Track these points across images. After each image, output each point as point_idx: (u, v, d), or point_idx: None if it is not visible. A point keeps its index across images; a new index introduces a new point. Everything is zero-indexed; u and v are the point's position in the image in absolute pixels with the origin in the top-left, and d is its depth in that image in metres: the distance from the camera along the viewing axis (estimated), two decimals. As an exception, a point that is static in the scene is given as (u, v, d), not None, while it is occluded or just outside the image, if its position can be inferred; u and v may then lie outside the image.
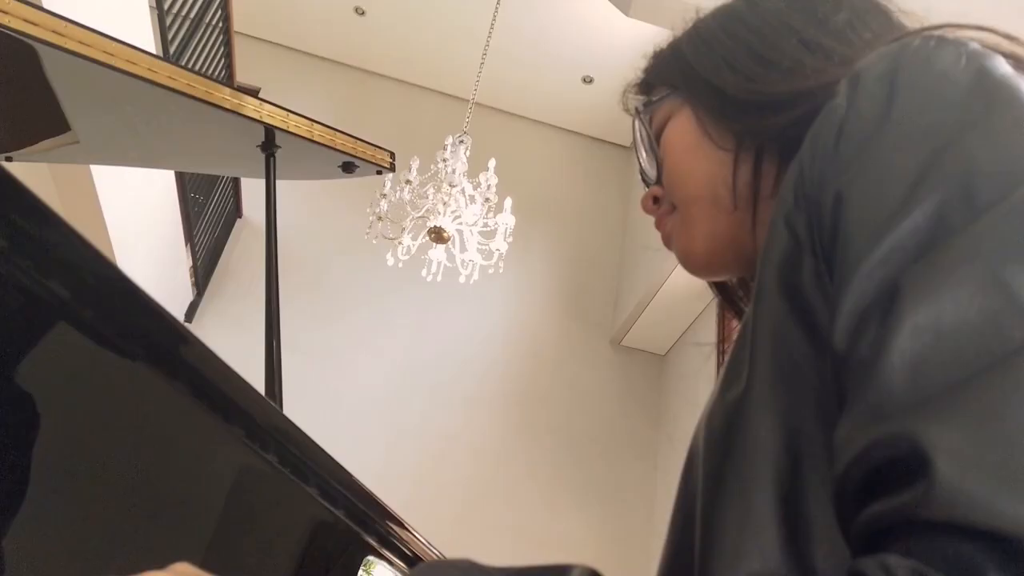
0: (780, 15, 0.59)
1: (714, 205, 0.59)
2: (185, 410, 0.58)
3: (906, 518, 0.31)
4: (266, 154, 1.68)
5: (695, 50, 0.63)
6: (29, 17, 1.19)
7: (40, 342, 0.49)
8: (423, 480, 5.49)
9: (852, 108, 0.44)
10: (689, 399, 5.84)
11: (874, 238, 0.38)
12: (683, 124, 0.62)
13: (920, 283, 0.35)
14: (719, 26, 0.62)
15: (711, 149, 0.59)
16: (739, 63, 0.58)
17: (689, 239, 0.62)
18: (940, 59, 0.43)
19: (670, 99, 0.64)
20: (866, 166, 0.41)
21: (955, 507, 0.29)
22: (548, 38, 6.72)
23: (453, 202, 4.30)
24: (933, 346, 0.33)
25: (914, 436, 0.31)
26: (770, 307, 0.44)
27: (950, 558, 0.29)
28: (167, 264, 4.98)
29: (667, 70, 0.66)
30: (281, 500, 0.68)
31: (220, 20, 4.70)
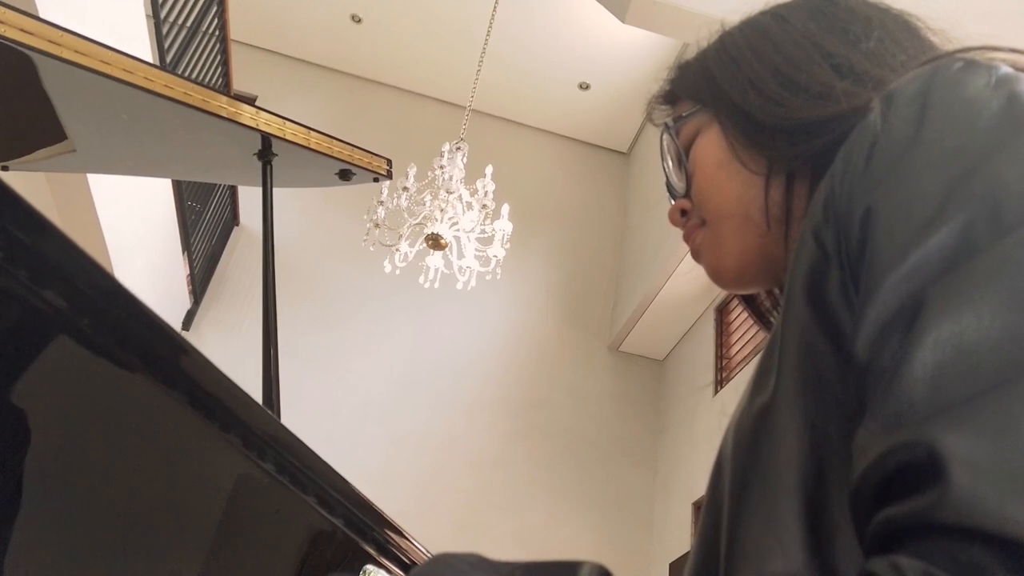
0: (810, 35, 0.58)
1: (746, 222, 0.59)
2: (182, 419, 0.57)
3: (920, 522, 0.31)
4: (263, 162, 1.68)
5: (722, 67, 0.62)
6: (25, 27, 1.19)
7: (36, 352, 0.49)
8: (421, 487, 5.48)
9: (885, 127, 0.44)
10: (688, 404, 5.84)
11: (901, 253, 0.39)
12: (713, 140, 0.62)
13: (944, 298, 0.36)
14: (746, 43, 0.62)
15: (742, 169, 0.59)
16: (766, 86, 0.58)
17: (720, 255, 0.62)
18: (971, 82, 0.44)
19: (699, 115, 0.64)
20: (896, 184, 0.42)
21: (968, 512, 0.30)
22: (544, 45, 6.74)
23: (450, 209, 4.30)
24: (954, 359, 0.34)
25: (931, 443, 0.32)
26: (797, 317, 0.45)
27: (960, 561, 0.29)
28: (164, 272, 4.97)
29: (694, 84, 0.66)
30: (279, 509, 0.68)
31: (217, 28, 4.71)
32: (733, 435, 0.49)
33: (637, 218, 6.89)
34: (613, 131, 7.53)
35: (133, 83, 1.37)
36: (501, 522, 5.59)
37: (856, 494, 0.36)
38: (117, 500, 0.55)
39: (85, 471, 0.53)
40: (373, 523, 0.78)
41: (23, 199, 0.45)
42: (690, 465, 5.45)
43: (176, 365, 0.56)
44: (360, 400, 5.76)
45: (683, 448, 5.68)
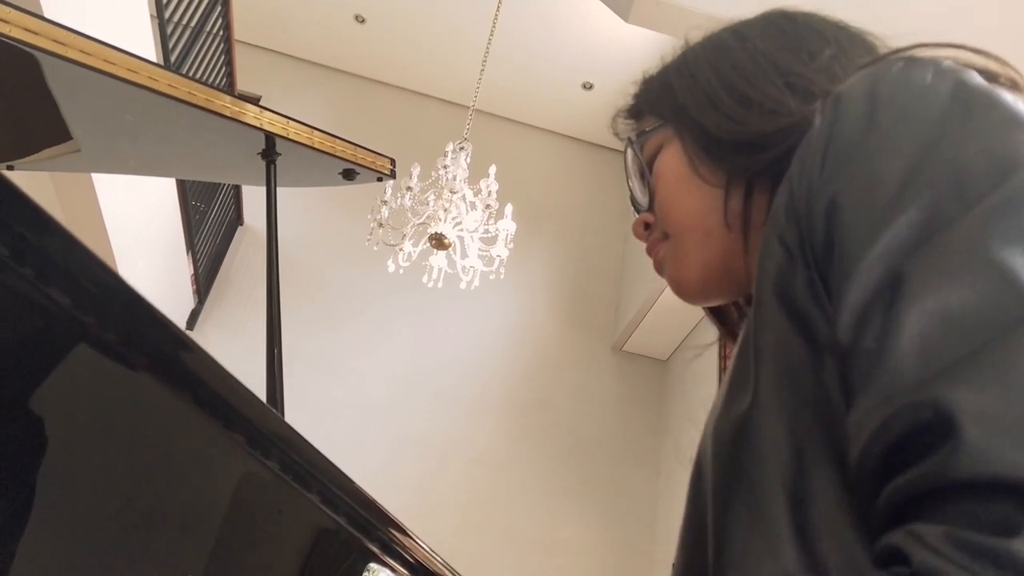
0: (766, 54, 0.60)
1: (707, 235, 0.60)
2: (187, 417, 0.58)
3: (933, 483, 0.31)
4: (267, 161, 1.68)
5: (682, 83, 0.64)
6: (30, 26, 1.19)
7: (41, 350, 0.49)
8: (425, 487, 5.48)
9: (836, 125, 0.45)
10: (691, 404, 5.83)
11: (871, 235, 0.39)
12: (674, 156, 0.63)
13: (922, 271, 0.36)
14: (706, 59, 0.63)
15: (701, 183, 0.60)
16: (721, 102, 0.59)
17: (682, 268, 0.63)
18: (916, 75, 0.45)
19: (661, 130, 0.65)
20: (855, 172, 0.42)
21: (984, 463, 0.30)
22: (548, 44, 6.74)
23: (454, 208, 4.30)
24: (941, 327, 0.34)
25: (936, 401, 0.32)
26: (770, 320, 0.45)
27: (982, 516, 0.29)
28: (168, 272, 4.98)
29: (657, 99, 0.67)
30: (283, 507, 0.68)
31: (221, 28, 4.71)
32: (712, 441, 0.50)
33: (640, 218, 6.88)
34: (617, 131, 7.52)
35: (137, 83, 1.38)
36: (503, 522, 5.59)
37: (860, 474, 0.35)
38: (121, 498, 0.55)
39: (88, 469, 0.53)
40: (377, 521, 0.78)
41: (29, 198, 0.45)
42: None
43: (181, 363, 0.56)
44: (363, 399, 5.76)
45: (686, 449, 5.67)
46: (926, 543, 0.30)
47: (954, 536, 0.29)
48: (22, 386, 0.48)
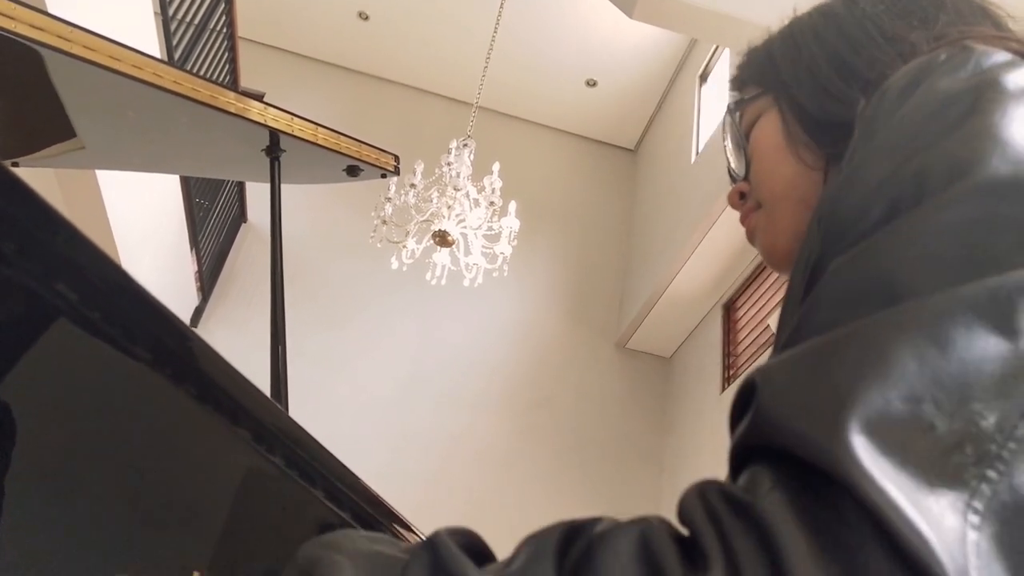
0: (874, 18, 0.58)
1: (800, 204, 0.59)
2: (192, 413, 0.58)
3: (740, 446, 0.33)
4: (271, 158, 1.69)
5: (784, 51, 0.62)
6: (35, 23, 1.19)
7: (48, 345, 0.50)
8: (428, 483, 5.49)
9: (873, 117, 0.45)
10: (694, 402, 5.83)
11: (838, 236, 0.40)
12: (771, 125, 0.62)
13: (836, 268, 0.37)
14: (811, 27, 0.62)
15: (798, 159, 0.59)
16: (820, 72, 0.57)
17: (774, 236, 0.62)
18: (950, 74, 0.43)
19: (760, 99, 0.64)
20: (852, 170, 0.43)
21: (764, 430, 0.31)
22: (551, 41, 6.73)
23: (457, 206, 4.31)
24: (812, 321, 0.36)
25: (755, 374, 0.34)
26: (794, 306, 0.45)
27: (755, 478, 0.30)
28: (172, 269, 4.99)
29: (758, 68, 0.66)
30: (288, 503, 0.69)
31: (224, 25, 4.71)
32: None
33: (644, 215, 6.88)
34: (620, 128, 7.52)
35: (142, 79, 1.38)
36: (507, 519, 5.59)
37: None
38: (125, 493, 0.55)
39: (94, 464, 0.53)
40: (382, 517, 0.79)
41: (36, 193, 0.45)
42: (697, 463, 5.44)
43: (186, 358, 0.56)
44: (366, 396, 5.77)
45: (690, 446, 5.67)
46: (704, 497, 0.31)
47: (724, 492, 0.31)
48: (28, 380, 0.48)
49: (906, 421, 0.29)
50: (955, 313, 0.31)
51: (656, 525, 0.31)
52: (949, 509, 0.27)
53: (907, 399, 0.29)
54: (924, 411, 0.29)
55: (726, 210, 5.01)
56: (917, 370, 0.29)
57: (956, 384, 0.29)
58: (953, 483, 0.28)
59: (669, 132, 6.82)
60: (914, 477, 0.27)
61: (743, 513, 0.29)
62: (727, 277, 5.62)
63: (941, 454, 0.28)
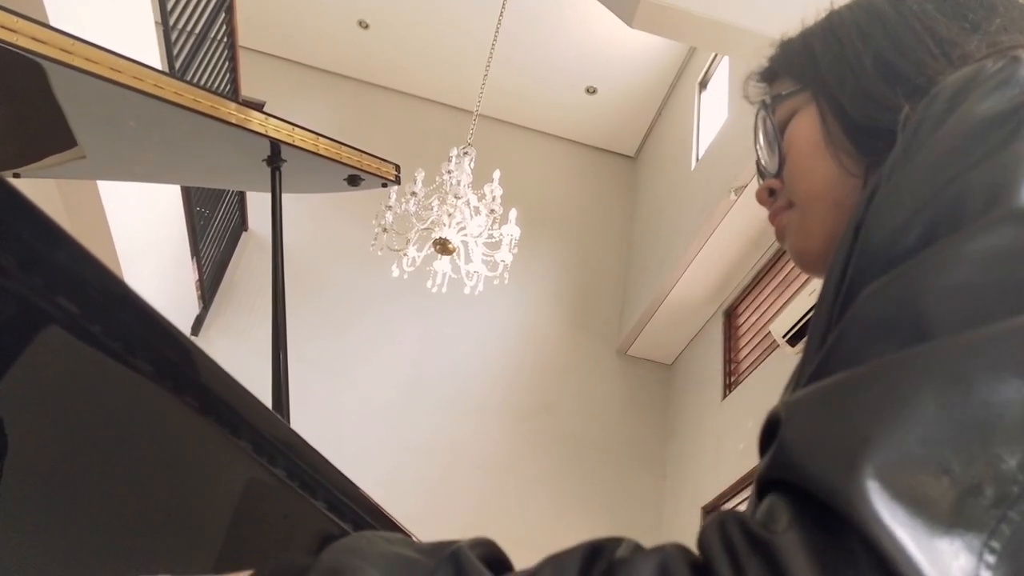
0: (924, 18, 0.55)
1: (836, 207, 0.57)
2: (193, 424, 0.58)
3: (763, 479, 0.33)
4: (272, 168, 1.69)
5: (826, 47, 0.60)
6: (37, 35, 1.20)
7: (49, 357, 0.50)
8: (429, 491, 5.48)
9: (920, 125, 0.44)
10: (696, 408, 5.82)
11: (873, 258, 0.39)
12: (810, 122, 0.60)
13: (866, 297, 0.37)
14: (854, 22, 0.59)
15: (836, 161, 0.57)
16: (864, 73, 0.55)
17: (806, 238, 0.60)
18: (996, 87, 0.43)
19: (797, 95, 0.62)
20: (892, 187, 0.42)
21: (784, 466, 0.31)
22: (551, 49, 6.75)
23: (458, 213, 4.31)
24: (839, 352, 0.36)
25: (780, 408, 0.34)
26: (824, 315, 0.44)
27: (774, 512, 0.31)
28: (173, 278, 4.99)
29: (796, 63, 0.63)
30: (289, 514, 0.69)
31: (225, 35, 4.72)
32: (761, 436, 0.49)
33: (645, 222, 6.88)
34: (620, 135, 7.53)
35: (143, 90, 1.38)
36: (509, 526, 5.58)
37: None
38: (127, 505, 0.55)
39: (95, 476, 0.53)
40: (383, 528, 0.78)
41: (37, 207, 0.46)
42: (698, 469, 5.43)
43: (187, 371, 0.56)
44: (368, 404, 5.76)
45: (691, 452, 5.66)
46: (723, 530, 0.31)
47: (745, 526, 0.31)
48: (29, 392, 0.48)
49: (923, 465, 0.29)
50: (980, 355, 0.30)
51: (675, 553, 0.31)
52: (964, 550, 0.27)
53: (925, 442, 0.29)
54: (942, 455, 0.29)
55: (727, 217, 5.01)
56: (937, 414, 0.29)
57: (977, 427, 0.29)
58: (970, 524, 0.28)
59: (669, 139, 6.83)
60: (927, 521, 0.28)
61: (759, 549, 0.29)
62: (728, 284, 5.62)
63: (958, 497, 0.28)
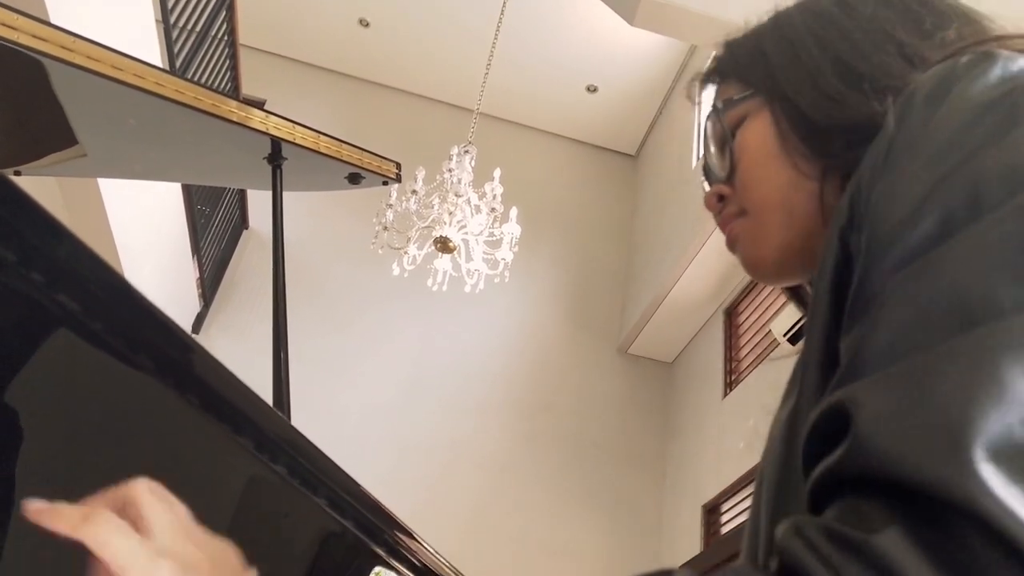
0: (880, 23, 0.55)
1: (790, 215, 0.56)
2: (194, 422, 0.58)
3: (830, 478, 0.32)
4: (273, 166, 1.69)
5: (778, 52, 0.59)
6: (38, 33, 1.20)
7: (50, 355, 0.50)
8: (430, 489, 5.48)
9: (902, 124, 0.44)
10: (696, 407, 5.82)
11: (886, 248, 0.38)
12: (763, 128, 0.58)
13: (900, 284, 0.36)
14: (807, 27, 0.58)
15: (791, 165, 0.56)
16: (823, 78, 0.54)
17: (759, 247, 0.59)
18: (981, 79, 0.43)
19: (750, 99, 0.60)
20: (891, 181, 0.41)
21: (868, 460, 0.30)
22: (552, 47, 6.75)
23: (459, 212, 4.31)
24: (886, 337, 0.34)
25: (844, 400, 0.32)
26: (822, 317, 0.44)
27: (860, 511, 0.29)
28: (174, 276, 5.00)
29: (747, 66, 0.62)
30: (290, 511, 0.69)
31: (225, 33, 4.72)
32: (767, 444, 0.48)
33: (645, 220, 6.88)
34: (621, 133, 7.53)
35: (144, 88, 1.38)
36: (508, 524, 5.58)
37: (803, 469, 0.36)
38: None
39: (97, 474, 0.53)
40: (384, 525, 0.78)
41: (37, 203, 0.46)
42: (699, 468, 5.43)
43: (188, 368, 0.56)
44: (368, 403, 5.76)
45: (692, 451, 5.66)
46: (803, 535, 0.30)
47: (829, 529, 0.29)
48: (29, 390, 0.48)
49: None
50: None
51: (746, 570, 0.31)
52: None
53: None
54: None
55: (727, 215, 5.01)
56: None
57: None
58: None
59: (670, 137, 6.82)
60: None
61: (856, 551, 0.28)
62: (728, 282, 5.62)
63: None
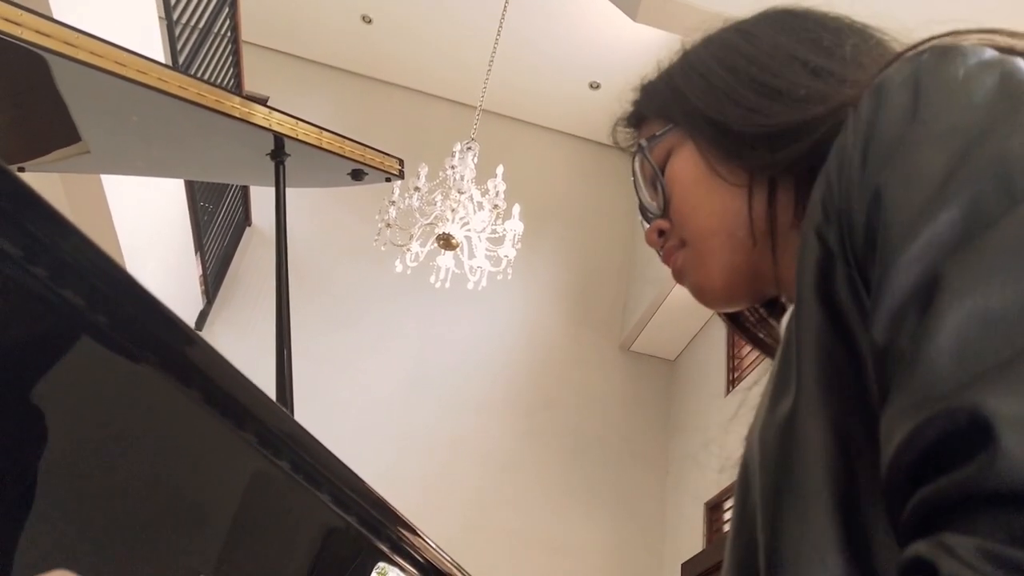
0: (782, 47, 0.58)
1: (730, 238, 0.58)
2: (198, 416, 0.58)
3: (967, 493, 0.29)
4: (276, 162, 1.69)
5: (691, 84, 0.61)
6: (42, 29, 1.20)
7: (55, 349, 0.50)
8: (432, 486, 5.49)
9: (879, 115, 0.44)
10: (699, 404, 5.82)
11: (910, 233, 0.37)
12: (688, 158, 0.61)
13: (962, 272, 0.35)
14: (714, 58, 0.61)
15: (721, 184, 0.58)
16: (741, 97, 0.57)
17: (706, 274, 0.61)
18: (960, 63, 0.43)
19: (670, 134, 0.63)
20: (897, 165, 0.41)
21: (1014, 474, 0.28)
22: (555, 44, 6.74)
23: (461, 209, 4.31)
24: (981, 330, 0.32)
25: (973, 407, 0.30)
26: (810, 319, 0.44)
27: (1017, 531, 0.28)
28: (177, 272, 5.00)
29: (662, 104, 0.65)
30: (294, 507, 0.69)
31: (228, 30, 4.73)
32: (758, 445, 0.48)
33: (648, 217, 6.87)
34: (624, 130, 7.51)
35: (148, 84, 1.38)
36: (510, 522, 5.59)
37: (889, 480, 0.34)
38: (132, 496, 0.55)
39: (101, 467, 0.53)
40: (387, 521, 0.79)
41: (42, 199, 0.46)
42: (701, 466, 5.44)
43: (192, 363, 0.56)
44: (370, 399, 5.77)
45: (694, 448, 5.66)
46: (956, 554, 0.28)
47: (984, 548, 0.28)
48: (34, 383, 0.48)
49: None
50: None
51: None
52: None
53: None
54: None
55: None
56: None
57: None
58: None
59: (673, 134, 6.81)
60: None
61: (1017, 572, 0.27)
62: (731, 279, 5.61)
63: None
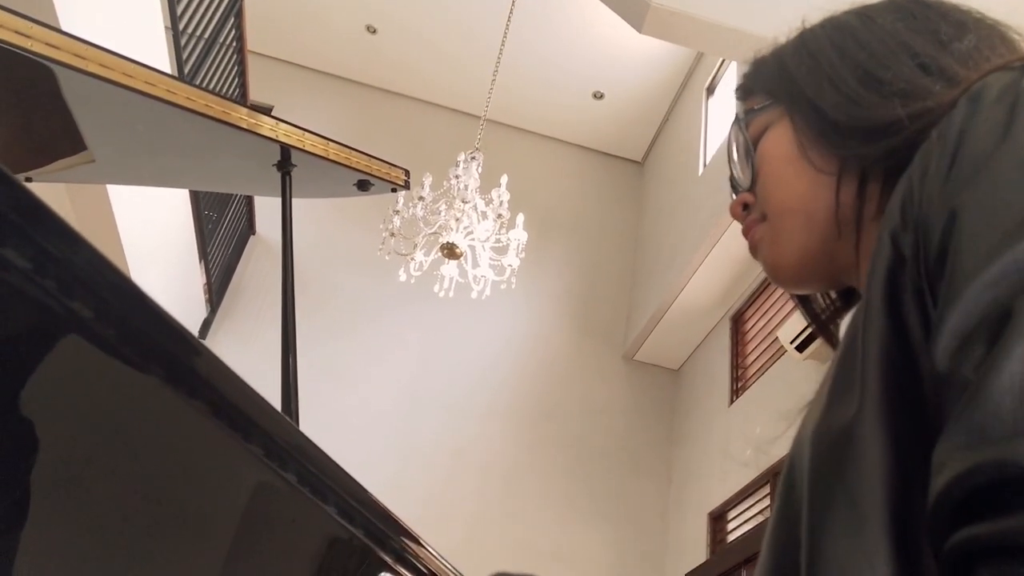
0: (897, 35, 0.57)
1: (808, 219, 0.58)
2: (204, 428, 0.58)
3: (1003, 545, 0.30)
4: (282, 173, 1.69)
5: (799, 63, 0.61)
6: (51, 41, 1.20)
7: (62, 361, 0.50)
8: (435, 495, 5.48)
9: (969, 128, 0.43)
10: (702, 414, 5.81)
11: (985, 259, 0.36)
12: (782, 136, 0.61)
13: None
14: (828, 39, 0.60)
15: (809, 168, 0.58)
16: (844, 83, 0.56)
17: (779, 252, 0.61)
18: None
19: (769, 109, 0.63)
20: (982, 188, 0.39)
21: None
22: (559, 54, 6.76)
23: (465, 218, 4.32)
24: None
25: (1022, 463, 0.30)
26: (877, 326, 0.43)
27: None
28: (181, 281, 5.01)
29: (768, 78, 0.65)
30: (298, 518, 0.69)
31: (234, 40, 4.75)
32: (810, 447, 0.47)
33: (651, 227, 6.88)
34: (627, 140, 7.53)
35: (155, 95, 1.39)
36: (513, 532, 5.57)
37: (934, 511, 0.34)
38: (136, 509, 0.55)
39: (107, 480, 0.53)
40: (392, 532, 0.78)
41: (52, 211, 0.46)
42: (705, 476, 5.42)
43: (199, 375, 0.56)
44: (373, 408, 5.77)
45: (698, 459, 5.65)
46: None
47: None
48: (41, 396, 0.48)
49: None
50: None
51: None
52: None
53: None
54: None
55: (734, 222, 5.00)
56: None
57: None
58: None
59: (676, 144, 6.83)
60: None
61: None
62: (735, 289, 5.61)
63: None
